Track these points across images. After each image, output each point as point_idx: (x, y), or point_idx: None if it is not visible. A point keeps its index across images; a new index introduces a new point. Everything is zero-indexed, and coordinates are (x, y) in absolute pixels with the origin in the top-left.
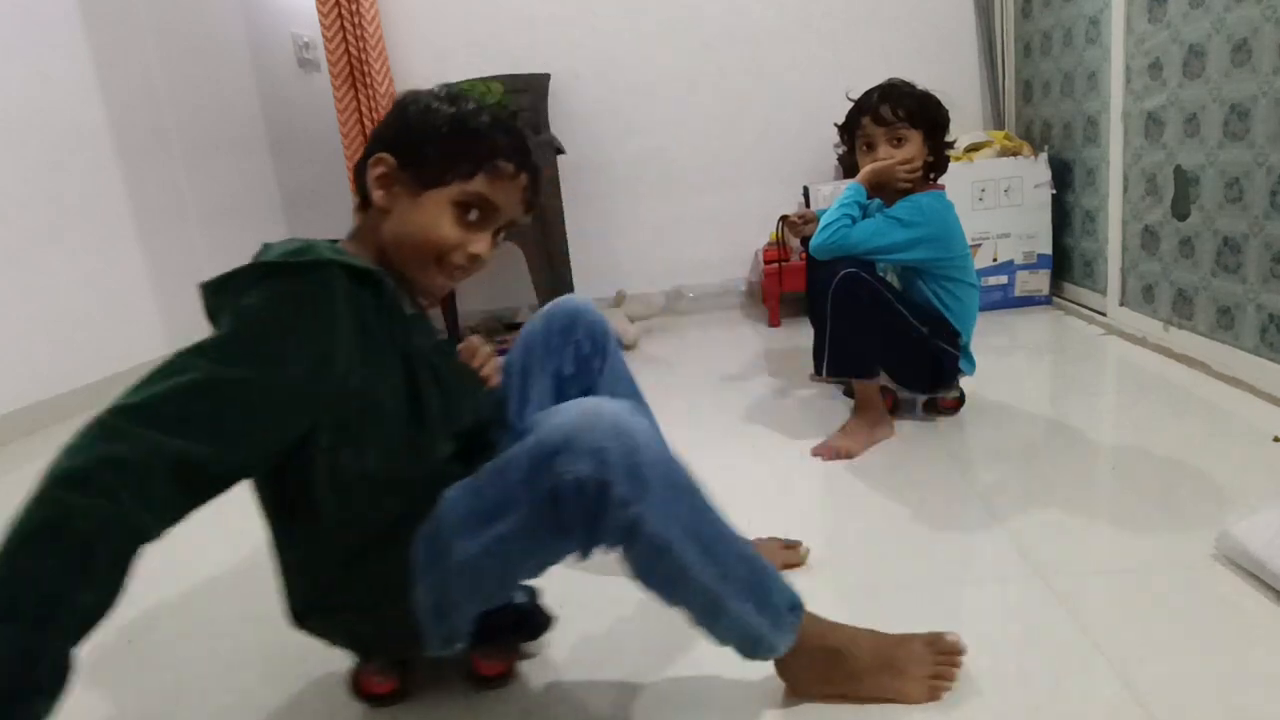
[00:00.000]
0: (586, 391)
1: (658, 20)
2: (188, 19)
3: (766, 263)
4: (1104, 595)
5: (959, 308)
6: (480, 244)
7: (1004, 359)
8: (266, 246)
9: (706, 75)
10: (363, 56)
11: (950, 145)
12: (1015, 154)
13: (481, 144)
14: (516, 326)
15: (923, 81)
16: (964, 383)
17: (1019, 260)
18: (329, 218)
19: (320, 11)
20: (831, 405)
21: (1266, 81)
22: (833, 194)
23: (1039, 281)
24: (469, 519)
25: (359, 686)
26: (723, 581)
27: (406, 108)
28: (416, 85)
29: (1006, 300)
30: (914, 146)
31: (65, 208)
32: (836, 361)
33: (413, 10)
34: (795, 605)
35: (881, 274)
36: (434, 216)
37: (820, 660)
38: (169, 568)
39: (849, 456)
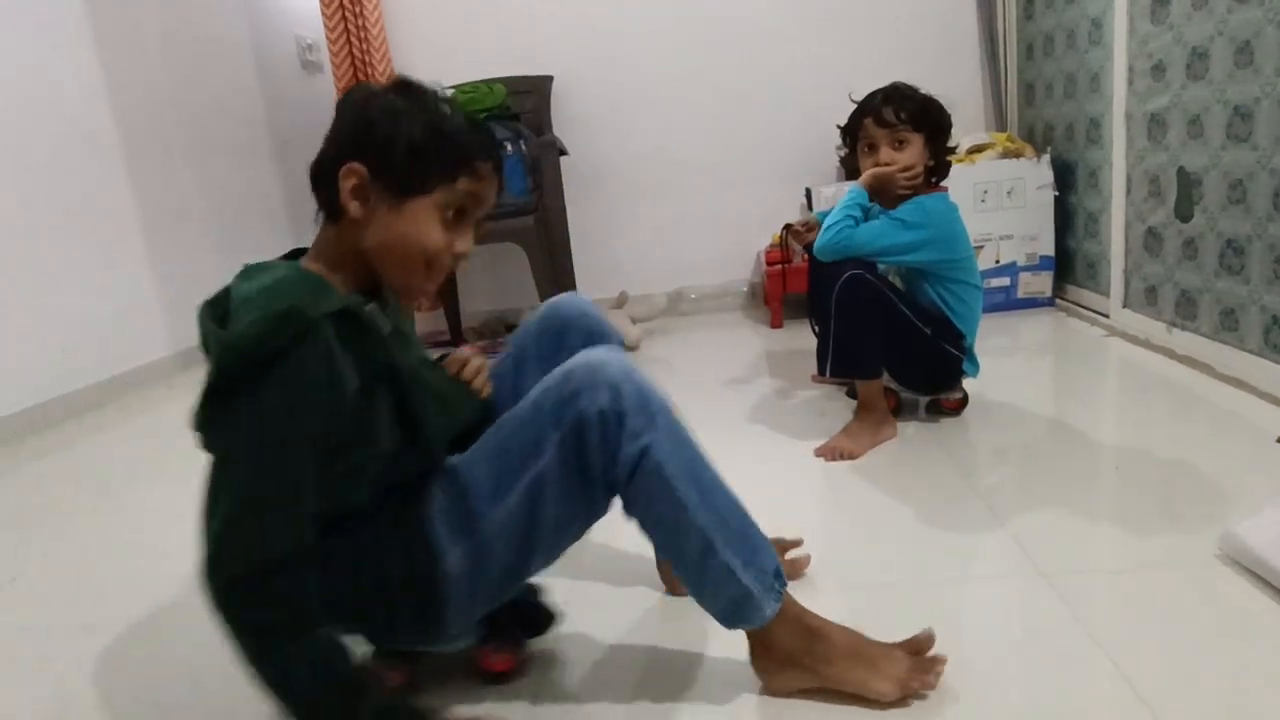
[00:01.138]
0: None
1: (660, 22)
2: (191, 21)
3: (769, 264)
4: (1106, 595)
5: (963, 309)
6: (466, 241)
7: (1006, 360)
8: (244, 274)
9: (709, 76)
10: (366, 58)
11: (952, 150)
12: (1018, 155)
13: (459, 147)
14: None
15: (925, 83)
16: (967, 384)
17: (1021, 262)
18: None
19: (323, 13)
20: (834, 406)
21: (1269, 83)
22: (835, 195)
23: (1041, 283)
24: (497, 478)
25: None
26: (717, 527)
27: (368, 111)
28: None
29: (1009, 302)
30: (915, 150)
31: (69, 209)
32: (839, 362)
33: (415, 12)
34: (779, 573)
35: (884, 275)
36: (420, 224)
37: (797, 638)
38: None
39: (851, 457)
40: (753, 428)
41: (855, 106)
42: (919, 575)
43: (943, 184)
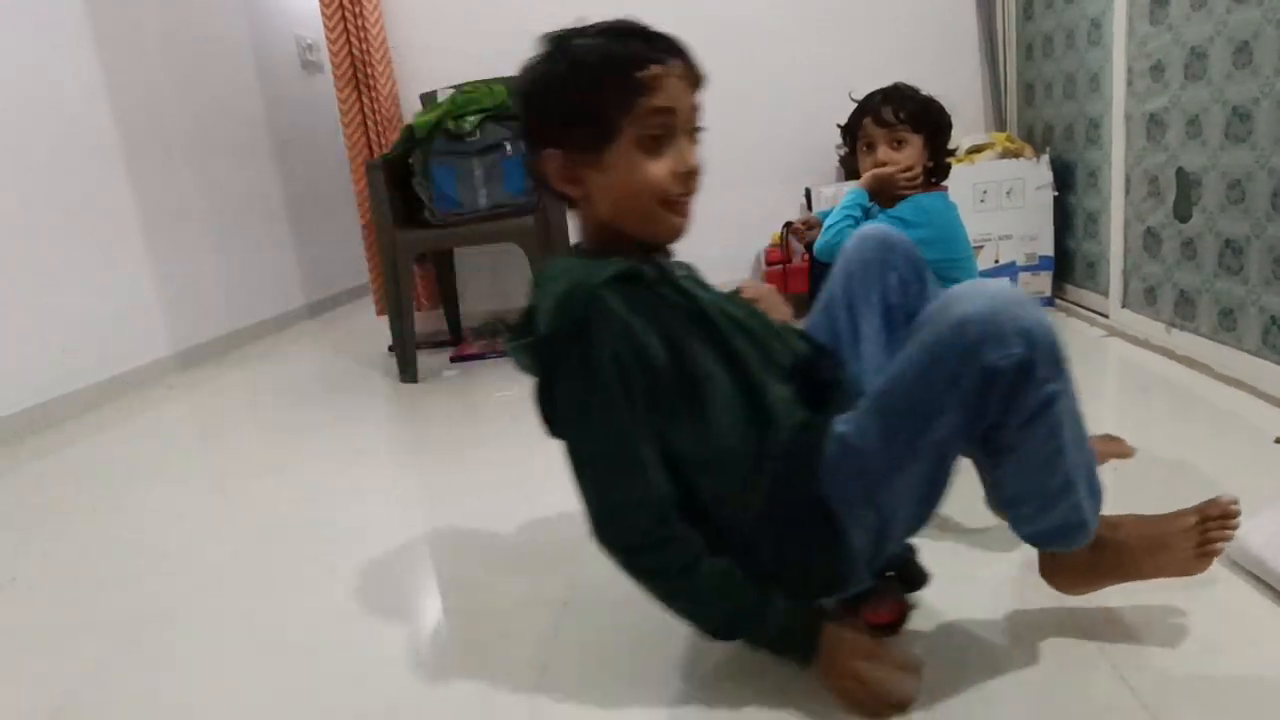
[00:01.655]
0: (912, 317)
1: (659, 22)
2: (191, 21)
3: (769, 264)
4: (1104, 595)
5: None
6: (684, 157)
7: None
8: (540, 283)
9: (708, 76)
10: (366, 58)
11: (952, 152)
12: (1017, 156)
13: (613, 71)
14: None
15: (924, 83)
16: None
17: (1021, 262)
18: (331, 219)
19: (323, 13)
20: None
21: (1268, 83)
22: (835, 195)
23: (1041, 283)
24: (896, 444)
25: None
26: (1081, 468)
27: (527, 95)
28: (419, 87)
29: None
30: (914, 150)
31: (69, 210)
32: None
33: (415, 12)
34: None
35: None
36: (629, 169)
37: (1093, 551)
38: (170, 567)
39: None
40: None
41: (855, 106)
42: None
43: (943, 184)
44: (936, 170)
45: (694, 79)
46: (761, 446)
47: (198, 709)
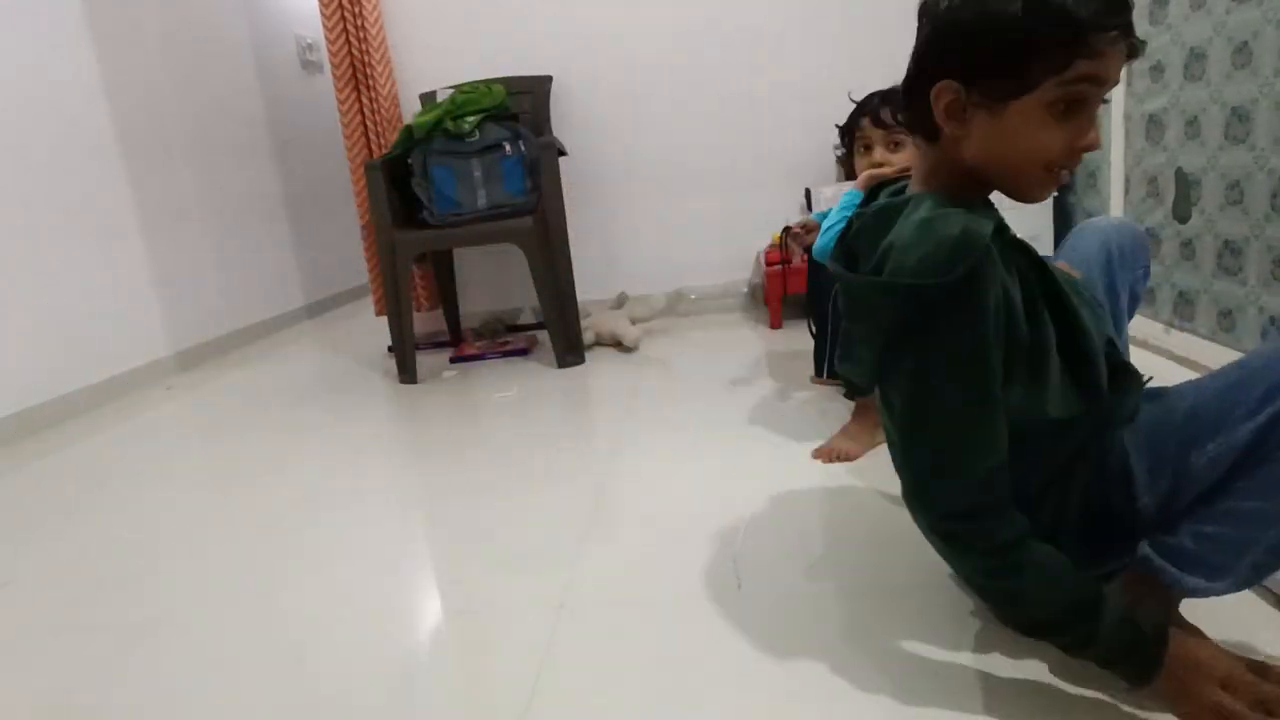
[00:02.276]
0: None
1: (659, 22)
2: (191, 20)
3: (768, 264)
4: None
5: None
6: (1090, 134)
7: None
8: (875, 217)
9: (708, 77)
10: (365, 58)
11: None
12: None
13: (1069, 25)
14: (518, 328)
15: None
16: None
17: None
18: (331, 219)
19: (323, 13)
20: (832, 408)
21: (1267, 84)
22: (834, 196)
23: None
24: (1229, 413)
25: None
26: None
27: (956, 20)
28: (419, 87)
29: None
30: (912, 151)
31: (69, 209)
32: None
33: (415, 12)
34: None
35: None
36: (1030, 129)
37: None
38: (170, 568)
39: (849, 459)
40: (752, 428)
41: (854, 107)
42: (916, 579)
43: None
44: None
45: (1131, 53)
46: (1079, 420)
47: (196, 709)
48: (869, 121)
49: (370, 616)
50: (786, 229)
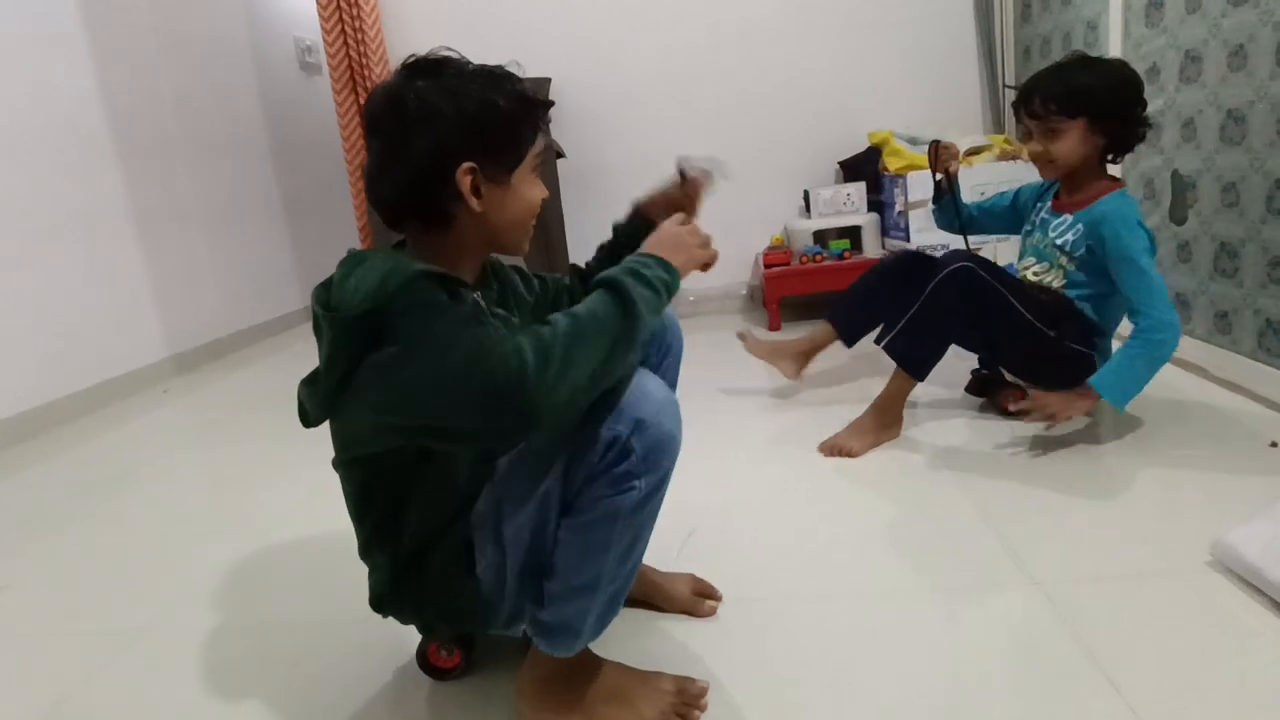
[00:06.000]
0: None
1: (658, 24)
2: (190, 22)
3: (766, 266)
4: (1098, 602)
5: (1105, 307)
6: (543, 188)
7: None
8: (344, 264)
9: (707, 79)
10: (363, 60)
11: (1133, 120)
12: (1015, 158)
13: (531, 108)
14: None
15: (923, 85)
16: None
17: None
18: (329, 221)
19: (321, 16)
20: (832, 409)
21: (1263, 86)
22: (833, 198)
23: None
24: (522, 485)
25: (425, 661)
26: (613, 580)
27: (460, 106)
28: None
29: None
30: (1072, 139)
31: (66, 211)
32: (903, 342)
33: (413, 14)
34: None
35: (1010, 273)
36: (528, 191)
37: (567, 672)
38: (166, 570)
39: (850, 455)
40: (750, 429)
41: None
42: (910, 581)
43: (1120, 179)
44: (1111, 148)
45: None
46: None
47: (195, 711)
48: (1025, 112)
49: (370, 617)
50: (934, 142)
